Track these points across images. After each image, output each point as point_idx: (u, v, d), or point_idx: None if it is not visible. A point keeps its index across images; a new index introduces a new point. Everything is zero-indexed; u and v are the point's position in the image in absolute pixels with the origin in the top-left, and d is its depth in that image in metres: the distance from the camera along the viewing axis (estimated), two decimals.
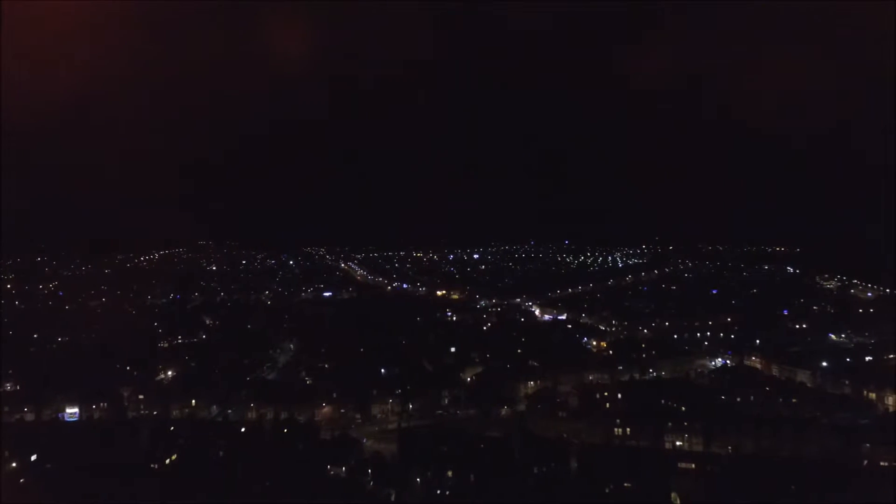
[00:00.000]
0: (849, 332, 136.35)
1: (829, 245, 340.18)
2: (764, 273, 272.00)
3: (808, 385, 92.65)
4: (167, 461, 64.69)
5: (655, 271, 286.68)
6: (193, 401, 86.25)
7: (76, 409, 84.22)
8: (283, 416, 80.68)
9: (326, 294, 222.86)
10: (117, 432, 71.83)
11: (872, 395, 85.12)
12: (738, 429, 68.93)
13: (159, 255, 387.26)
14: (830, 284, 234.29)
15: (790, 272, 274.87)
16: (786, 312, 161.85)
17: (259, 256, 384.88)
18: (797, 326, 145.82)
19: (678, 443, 70.19)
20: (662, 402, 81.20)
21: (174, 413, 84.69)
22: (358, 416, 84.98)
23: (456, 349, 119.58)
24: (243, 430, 70.75)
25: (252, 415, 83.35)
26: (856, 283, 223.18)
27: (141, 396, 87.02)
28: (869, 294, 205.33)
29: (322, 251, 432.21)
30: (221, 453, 65.21)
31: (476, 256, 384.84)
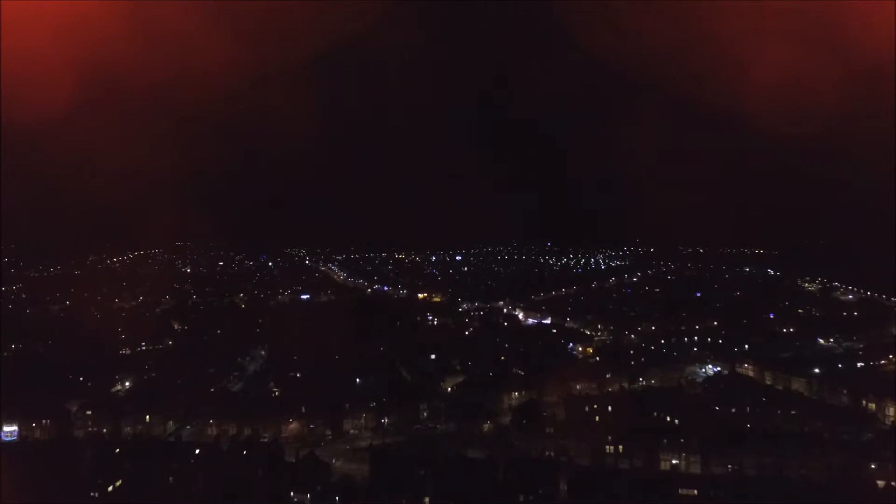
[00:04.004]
0: (837, 336, 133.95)
1: (808, 247, 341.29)
2: (745, 275, 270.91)
3: (805, 395, 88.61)
4: (110, 488, 57.77)
5: (638, 273, 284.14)
6: (148, 416, 78.99)
7: (14, 428, 76.25)
8: (246, 432, 74.06)
9: (304, 297, 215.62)
10: (57, 454, 64.58)
11: (872, 406, 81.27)
12: (738, 446, 64.12)
13: (133, 256, 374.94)
14: (812, 287, 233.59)
15: (771, 274, 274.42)
16: (772, 316, 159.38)
17: (237, 258, 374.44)
18: (784, 330, 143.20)
19: (674, 461, 65.22)
20: (655, 414, 76.37)
21: (126, 430, 77.37)
22: (328, 432, 78.54)
23: (436, 356, 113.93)
24: (198, 451, 63.99)
25: (212, 431, 76.47)
26: (837, 286, 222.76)
27: (89, 412, 79.36)
28: (850, 297, 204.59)
29: (302, 252, 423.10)
30: (171, 479, 58.43)
31: (458, 258, 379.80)
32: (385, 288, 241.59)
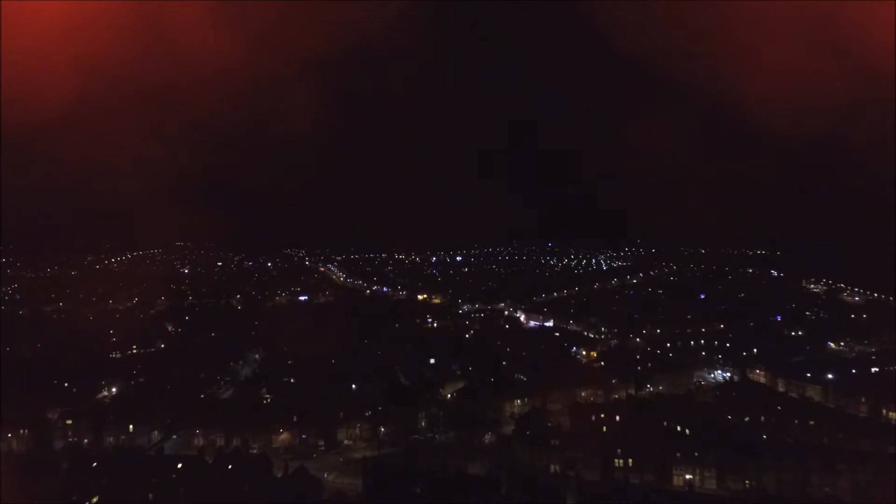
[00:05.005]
0: (847, 339, 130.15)
1: (810, 247, 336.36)
2: (749, 277, 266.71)
3: (822, 403, 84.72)
4: None
5: (640, 274, 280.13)
6: (131, 426, 75.10)
7: None
8: (234, 443, 70.27)
9: (302, 298, 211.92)
10: (30, 469, 60.65)
11: (893, 416, 77.39)
12: (756, 459, 60.18)
13: (131, 256, 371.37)
14: (818, 289, 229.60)
15: (775, 276, 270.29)
16: (779, 319, 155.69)
17: (236, 258, 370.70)
18: (793, 334, 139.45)
19: (688, 476, 61.31)
20: (665, 423, 72.48)
21: (108, 440, 73.51)
22: (321, 442, 74.73)
23: (436, 360, 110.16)
24: (180, 465, 60.14)
25: (198, 442, 72.64)
26: (842, 287, 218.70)
27: (69, 421, 75.45)
28: (857, 298, 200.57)
29: (302, 253, 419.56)
30: (151, 496, 54.61)
31: (459, 259, 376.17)
32: (384, 289, 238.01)
